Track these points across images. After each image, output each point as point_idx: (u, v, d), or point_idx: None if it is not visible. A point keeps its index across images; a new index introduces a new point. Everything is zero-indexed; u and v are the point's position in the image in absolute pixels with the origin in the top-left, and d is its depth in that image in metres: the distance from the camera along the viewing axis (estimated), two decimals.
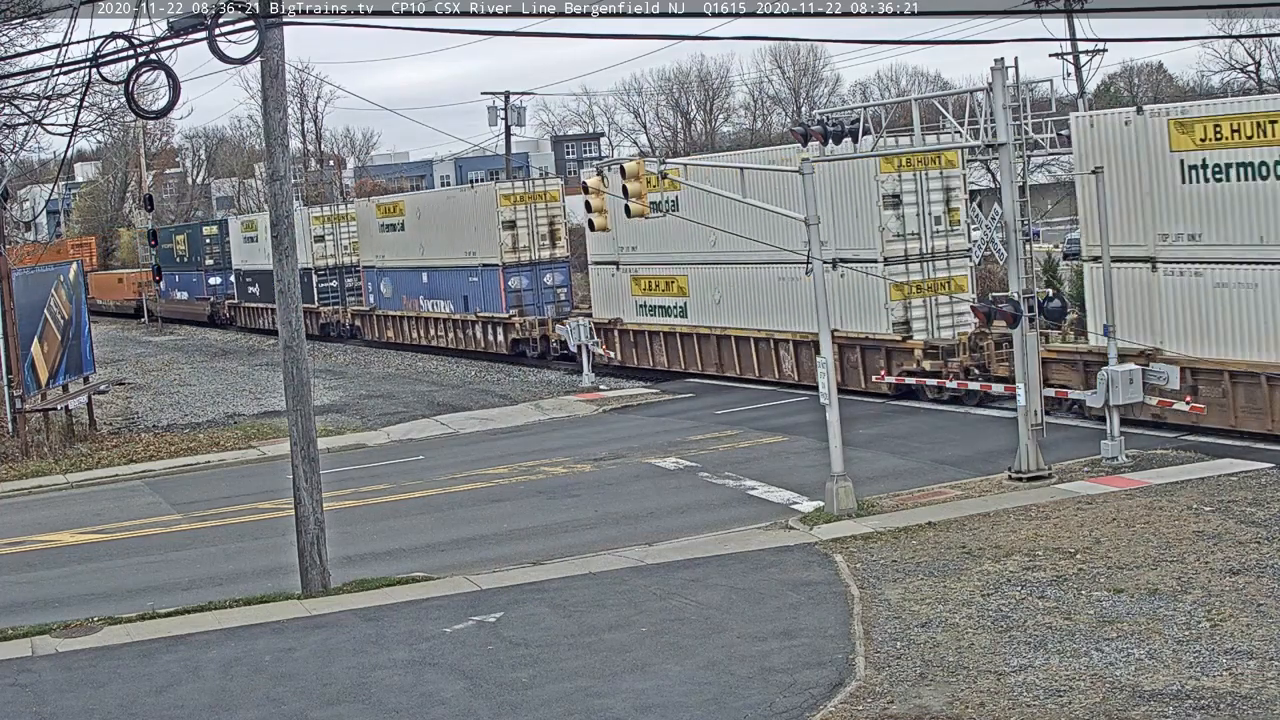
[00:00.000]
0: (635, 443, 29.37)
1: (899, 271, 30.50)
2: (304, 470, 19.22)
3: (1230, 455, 22.94)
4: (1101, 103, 73.77)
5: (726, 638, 15.71)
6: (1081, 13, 50.81)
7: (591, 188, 25.95)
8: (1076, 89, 52.96)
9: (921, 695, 13.51)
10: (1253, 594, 15.62)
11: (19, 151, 43.68)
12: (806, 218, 21.98)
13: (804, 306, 31.26)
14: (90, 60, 19.01)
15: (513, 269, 44.61)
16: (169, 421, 38.08)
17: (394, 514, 24.70)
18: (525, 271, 44.64)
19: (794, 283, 32.14)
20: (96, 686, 15.87)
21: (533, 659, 15.51)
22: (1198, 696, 12.83)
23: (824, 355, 21.60)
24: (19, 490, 29.83)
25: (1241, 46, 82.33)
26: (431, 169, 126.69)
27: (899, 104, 29.91)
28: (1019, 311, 22.21)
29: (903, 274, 30.53)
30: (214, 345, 62.05)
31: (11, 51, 32.58)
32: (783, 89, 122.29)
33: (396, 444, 32.49)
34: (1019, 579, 16.98)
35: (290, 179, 19.54)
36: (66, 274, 38.06)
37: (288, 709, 14.65)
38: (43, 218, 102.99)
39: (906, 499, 21.94)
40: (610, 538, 21.35)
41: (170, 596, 19.98)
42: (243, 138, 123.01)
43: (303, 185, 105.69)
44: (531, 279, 44.68)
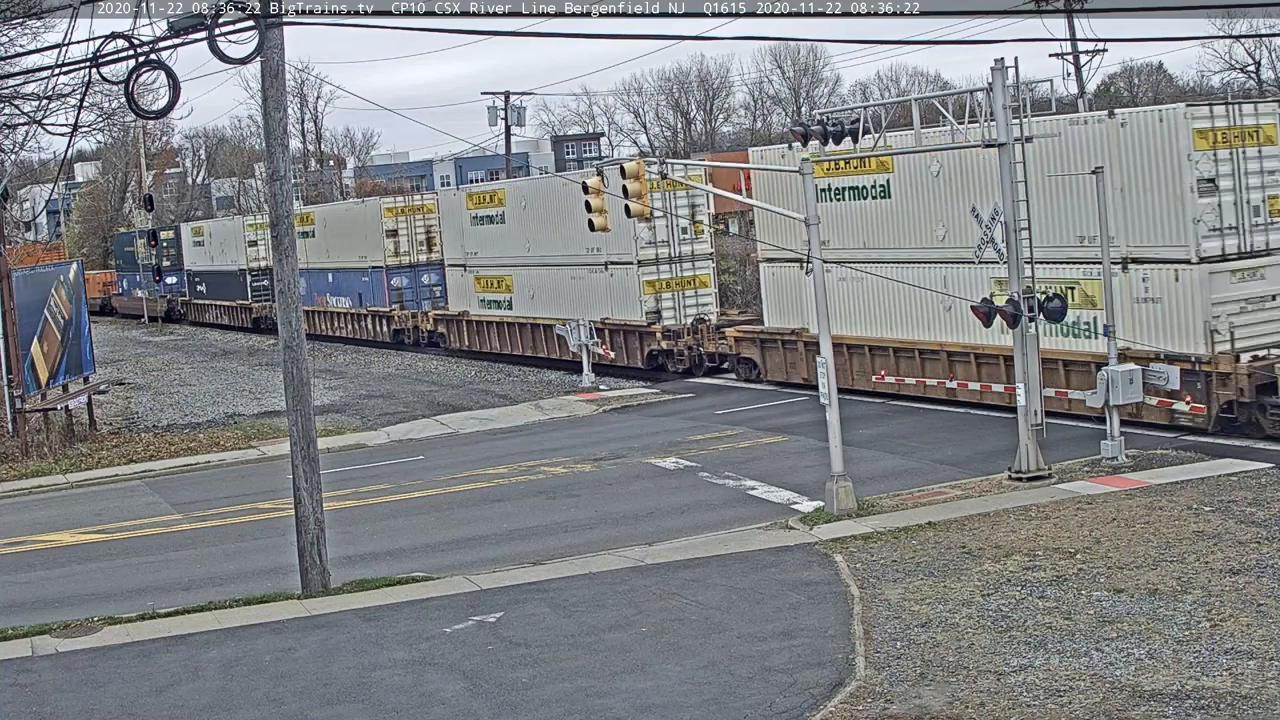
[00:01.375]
0: (635, 443, 29.37)
1: (650, 272, 38.24)
2: (304, 470, 19.22)
3: (1230, 455, 22.95)
4: (1102, 103, 73.78)
5: (726, 638, 15.71)
6: (1081, 13, 50.83)
7: (591, 188, 26.02)
8: (1076, 89, 52.99)
9: (921, 695, 13.51)
10: (1253, 594, 15.62)
11: (19, 151, 43.74)
12: (806, 218, 21.99)
13: (588, 298, 40.16)
14: (90, 60, 19.01)
15: (395, 270, 52.39)
16: (169, 421, 38.08)
17: (394, 514, 24.70)
18: (406, 273, 52.32)
19: (581, 280, 40.42)
20: (96, 686, 15.87)
21: (533, 659, 15.51)
22: (1198, 696, 12.83)
23: (824, 355, 21.60)
24: (19, 490, 29.83)
25: (1241, 46, 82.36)
26: (431, 169, 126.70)
27: (899, 104, 30.20)
28: (1019, 311, 22.21)
29: (654, 274, 38.31)
30: (214, 345, 62.06)
31: (11, 51, 32.60)
32: (783, 89, 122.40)
33: (396, 444, 32.50)
34: (1019, 579, 16.98)
35: (290, 179, 19.54)
36: (66, 274, 38.07)
37: (288, 709, 14.65)
38: (43, 218, 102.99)
39: (906, 499, 21.94)
40: (610, 538, 21.35)
41: (170, 596, 19.98)
42: (243, 138, 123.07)
43: (303, 185, 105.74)
44: (411, 279, 52.28)
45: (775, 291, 34.81)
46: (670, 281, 38.42)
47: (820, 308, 21.86)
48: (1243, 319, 24.63)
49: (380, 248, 52.41)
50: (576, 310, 40.14)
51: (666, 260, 38.31)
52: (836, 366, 24.32)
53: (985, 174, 26.49)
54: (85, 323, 38.31)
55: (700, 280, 38.86)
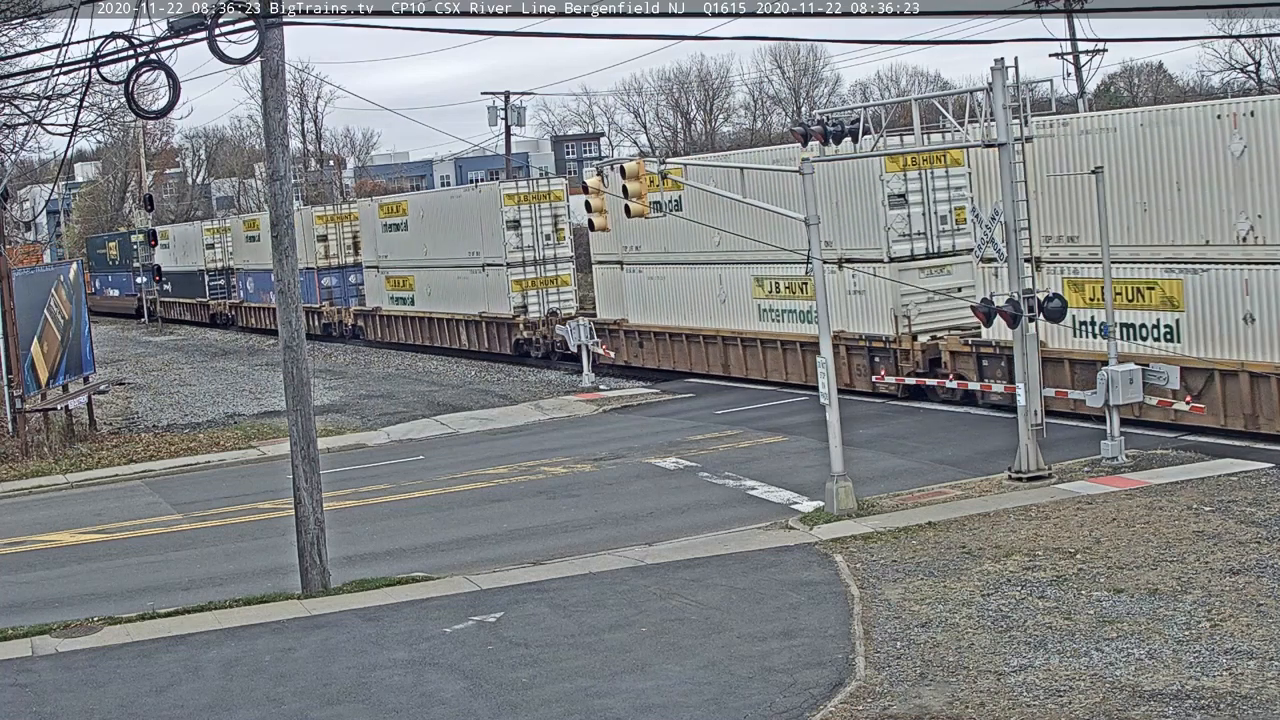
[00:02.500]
0: (635, 443, 29.38)
1: (518, 273, 44.59)
2: (304, 470, 19.22)
3: (1230, 455, 22.95)
4: (1102, 103, 73.79)
5: (726, 638, 15.71)
6: (1081, 13, 50.83)
7: (592, 188, 26.08)
8: (1076, 89, 53.00)
9: (921, 695, 13.51)
10: (1253, 594, 15.62)
11: (19, 151, 43.75)
12: (806, 218, 21.99)
13: (471, 295, 46.95)
14: (90, 60, 19.01)
15: (325, 271, 58.52)
16: (169, 421, 38.09)
17: (394, 514, 24.70)
18: (335, 273, 58.71)
19: (465, 280, 47.02)
20: (96, 686, 15.87)
21: (533, 659, 15.51)
22: (1198, 696, 12.83)
23: (824, 355, 21.60)
24: (19, 490, 29.83)
25: (1241, 46, 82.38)
26: (431, 169, 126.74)
27: (899, 104, 30.37)
28: (1018, 311, 22.21)
29: (521, 274, 44.57)
30: (214, 345, 62.09)
31: (11, 51, 32.60)
32: (783, 89, 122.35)
33: (396, 444, 32.50)
34: (1019, 579, 16.98)
35: (290, 179, 19.55)
36: (66, 274, 38.07)
37: (288, 709, 14.66)
38: (43, 218, 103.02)
39: (906, 499, 21.94)
40: (610, 538, 21.35)
41: (170, 596, 19.99)
42: (243, 138, 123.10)
43: (303, 185, 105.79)
44: (340, 279, 58.44)
45: (603, 288, 41.42)
46: (535, 281, 44.84)
47: (820, 308, 21.86)
48: (928, 307, 30.67)
49: (313, 250, 57.71)
50: (463, 305, 47.40)
51: (532, 263, 44.80)
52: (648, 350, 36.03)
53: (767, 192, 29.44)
54: (85, 323, 38.31)
55: (561, 280, 45.10)
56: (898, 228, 30.81)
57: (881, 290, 30.76)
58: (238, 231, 68.15)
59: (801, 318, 33.07)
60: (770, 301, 34.61)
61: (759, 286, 34.80)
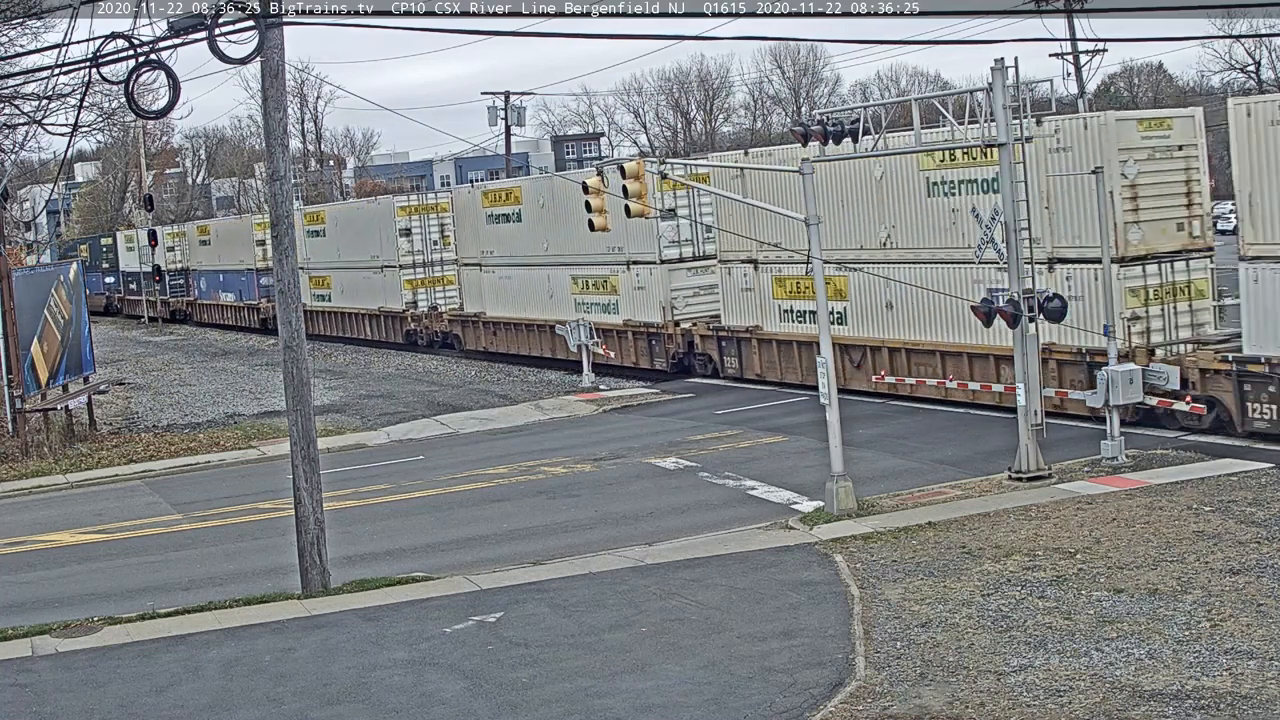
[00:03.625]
0: (635, 443, 29.38)
1: (409, 273, 51.89)
2: (304, 470, 19.22)
3: (1230, 455, 22.96)
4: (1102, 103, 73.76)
5: (726, 638, 15.71)
6: (1081, 13, 50.83)
7: (592, 188, 26.08)
8: (1076, 89, 53.00)
9: (921, 695, 13.51)
10: (1253, 594, 15.62)
11: (19, 151, 43.75)
12: (806, 218, 22.00)
13: (373, 292, 54.12)
14: (90, 60, 19.01)
15: (264, 272, 63.12)
16: (169, 421, 38.08)
17: (394, 514, 24.70)
18: None
19: (369, 279, 54.33)
20: (96, 686, 15.87)
21: (533, 659, 15.51)
22: (1198, 696, 12.83)
23: (824, 355, 21.60)
24: (19, 490, 29.83)
25: (1241, 46, 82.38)
26: (431, 169, 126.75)
27: (899, 104, 30.40)
28: (1019, 311, 22.21)
29: (412, 275, 51.93)
30: (214, 345, 62.14)
31: (11, 51, 32.59)
32: (783, 89, 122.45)
33: (396, 444, 32.50)
34: (1019, 579, 16.98)
35: (290, 179, 19.54)
36: (66, 274, 38.07)
37: (288, 709, 14.66)
38: (43, 218, 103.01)
39: (906, 499, 21.94)
40: (610, 538, 21.35)
41: (170, 596, 19.98)
42: (243, 138, 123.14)
43: (303, 185, 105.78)
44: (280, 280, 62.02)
45: (467, 286, 48.21)
46: (423, 280, 51.87)
47: (821, 309, 21.87)
48: (693, 300, 38.16)
49: (254, 253, 64.57)
50: (368, 301, 54.64)
51: (422, 264, 51.76)
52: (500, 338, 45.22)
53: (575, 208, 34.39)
54: (85, 323, 38.31)
55: (446, 279, 51.45)
56: (668, 236, 37.78)
57: (656, 286, 38.26)
58: (193, 236, 75.70)
59: (604, 309, 40.45)
60: (583, 296, 41.27)
61: (575, 284, 41.74)
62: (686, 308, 38.11)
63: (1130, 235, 26.13)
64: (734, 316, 36.15)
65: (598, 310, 40.58)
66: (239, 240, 67.68)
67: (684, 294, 38.05)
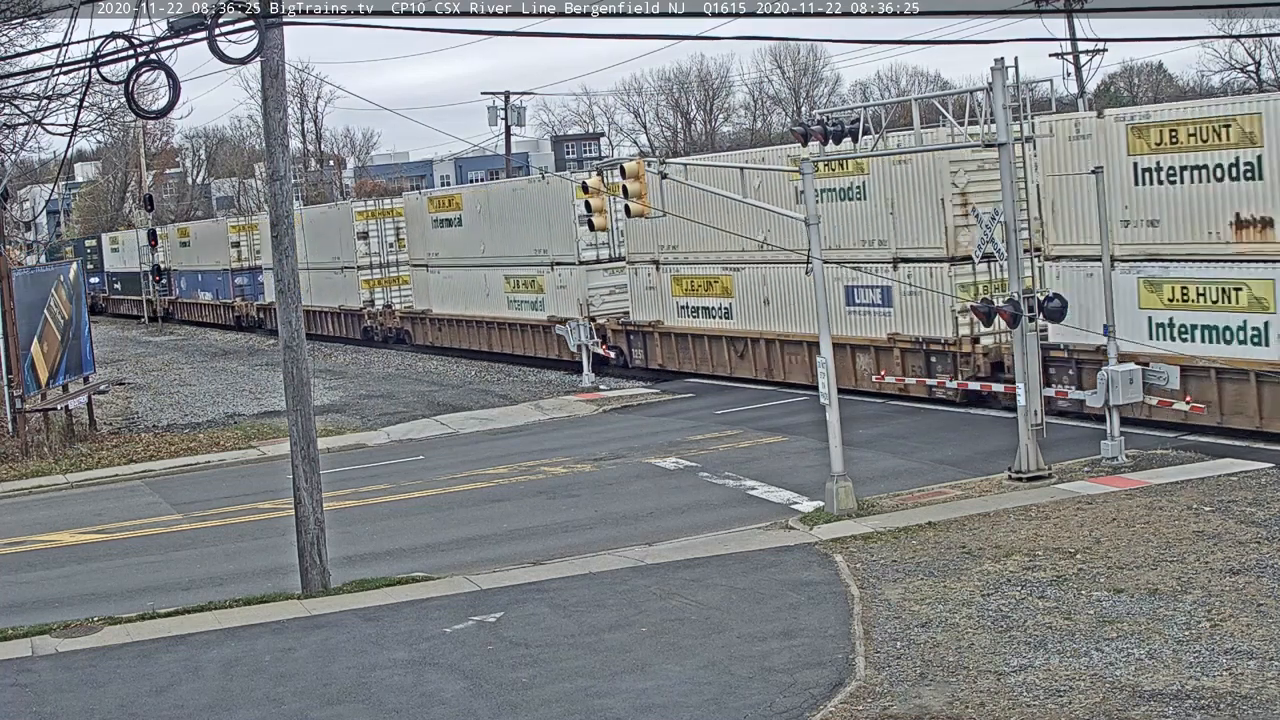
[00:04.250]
0: (635, 443, 29.38)
1: (366, 274, 55.49)
2: (304, 470, 19.22)
3: (1230, 455, 22.96)
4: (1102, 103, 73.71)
5: (726, 638, 15.71)
6: (1081, 13, 50.83)
7: (592, 188, 26.07)
8: (1076, 89, 53.00)
9: (921, 695, 13.51)
10: (1253, 594, 15.62)
11: (19, 151, 43.77)
12: (806, 218, 22.00)
13: (336, 291, 57.56)
14: (90, 60, 19.01)
15: (238, 272, 68.57)
16: (169, 421, 38.08)
17: (394, 514, 24.70)
18: (247, 274, 68.11)
19: (331, 279, 57.68)
20: (96, 686, 15.88)
21: (533, 659, 15.51)
22: (1198, 696, 12.83)
23: (824, 355, 21.60)
24: (19, 490, 29.83)
25: (1241, 46, 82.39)
26: (431, 169, 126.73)
27: (899, 104, 30.56)
28: (1018, 311, 22.22)
29: (369, 275, 55.48)
30: (214, 345, 62.14)
31: (11, 51, 32.59)
32: (783, 89, 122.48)
33: (396, 444, 32.50)
34: (1019, 579, 16.98)
35: (290, 179, 19.53)
36: (66, 274, 38.06)
37: (288, 709, 14.66)
38: (43, 218, 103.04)
39: (906, 499, 21.94)
40: (610, 538, 21.35)
41: (170, 596, 19.98)
42: (243, 138, 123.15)
43: (303, 185, 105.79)
44: (250, 278, 67.60)
45: (416, 285, 51.15)
46: (380, 280, 55.45)
47: (821, 308, 21.87)
48: (608, 298, 41.27)
49: (228, 255, 69.12)
50: (332, 299, 58.09)
51: (380, 265, 55.30)
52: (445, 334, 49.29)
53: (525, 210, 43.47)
54: (85, 323, 38.31)
55: (402, 279, 54.35)
56: (585, 239, 40.22)
57: (575, 285, 41.36)
58: (173, 238, 78.93)
59: (532, 306, 43.86)
60: (515, 294, 44.93)
61: (508, 283, 45.14)
62: (603, 304, 41.31)
63: (960, 237, 28.93)
64: (640, 313, 39.54)
65: (527, 308, 44.17)
66: (214, 242, 71.54)
67: (600, 292, 41.44)
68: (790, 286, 33.52)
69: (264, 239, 64.80)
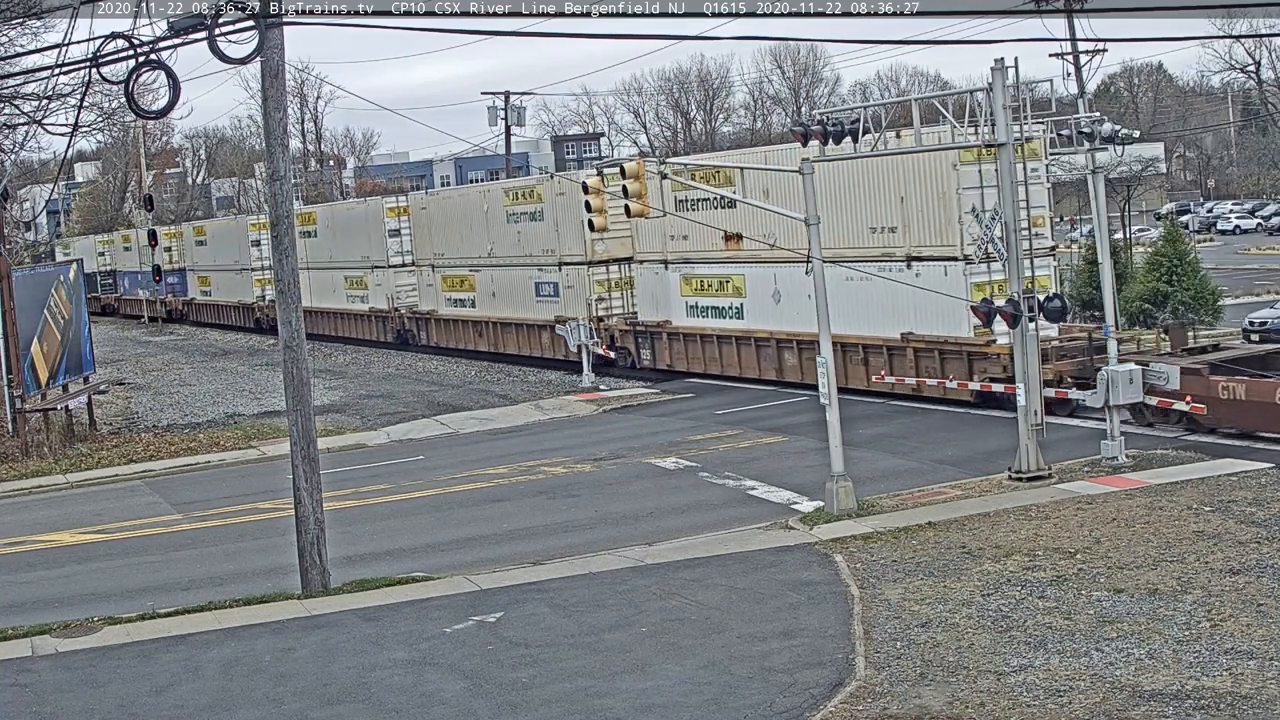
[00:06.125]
0: (635, 443, 29.37)
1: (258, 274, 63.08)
2: (304, 470, 19.21)
3: (1230, 455, 22.96)
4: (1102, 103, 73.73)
5: (726, 638, 15.71)
6: (1081, 13, 50.70)
7: (592, 188, 26.07)
8: (1076, 89, 52.93)
9: (921, 695, 13.51)
10: (1253, 594, 15.63)
11: (19, 151, 43.71)
12: (806, 218, 21.99)
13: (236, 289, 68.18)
14: (90, 60, 19.00)
15: (169, 272, 76.25)
16: (169, 421, 38.07)
17: (394, 514, 24.70)
18: (177, 274, 77.29)
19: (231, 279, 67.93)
20: (96, 686, 15.87)
21: (533, 659, 15.51)
22: (1198, 696, 12.83)
23: (824, 355, 21.60)
24: (19, 490, 29.82)
25: (1241, 46, 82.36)
26: (431, 169, 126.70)
27: (899, 104, 30.49)
28: (1019, 311, 22.22)
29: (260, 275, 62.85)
30: (214, 345, 62.14)
31: (11, 51, 32.58)
32: (783, 89, 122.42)
33: (396, 444, 32.50)
34: (1019, 579, 16.98)
35: (290, 179, 19.53)
36: (66, 274, 38.06)
37: (288, 709, 14.66)
38: (43, 218, 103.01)
39: (906, 499, 21.94)
40: (610, 538, 21.35)
41: (170, 596, 19.98)
42: (243, 138, 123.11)
43: (303, 185, 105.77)
44: (180, 277, 77.34)
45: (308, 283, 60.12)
46: (267, 279, 60.64)
47: (821, 309, 21.86)
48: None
49: (161, 257, 74.88)
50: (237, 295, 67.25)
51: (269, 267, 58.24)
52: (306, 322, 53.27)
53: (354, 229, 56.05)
54: (85, 323, 38.31)
55: None
56: (394, 247, 48.79)
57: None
58: (119, 242, 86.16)
59: (360, 300, 55.79)
60: (349, 291, 55.82)
61: (346, 282, 55.95)
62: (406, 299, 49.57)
63: (597, 247, 40.49)
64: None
65: (355, 301, 56.73)
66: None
67: (405, 289, 50.91)
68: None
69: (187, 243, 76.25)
